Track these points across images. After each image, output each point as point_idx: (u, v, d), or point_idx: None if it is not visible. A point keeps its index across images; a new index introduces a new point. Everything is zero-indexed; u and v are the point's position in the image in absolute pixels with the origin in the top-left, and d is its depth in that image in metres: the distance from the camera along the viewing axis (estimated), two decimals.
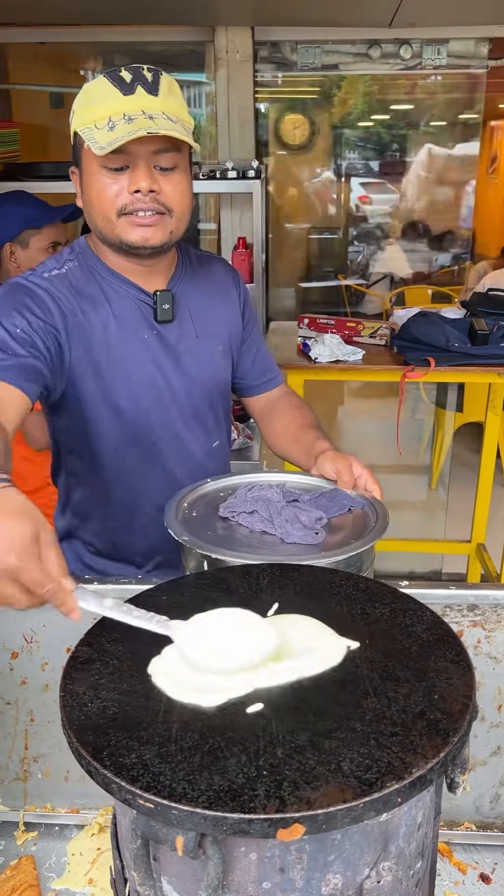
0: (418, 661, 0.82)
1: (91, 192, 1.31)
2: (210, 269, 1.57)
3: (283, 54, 3.11)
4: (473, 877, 1.11)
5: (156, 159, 1.28)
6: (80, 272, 1.41)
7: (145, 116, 1.23)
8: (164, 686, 0.79)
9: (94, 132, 1.25)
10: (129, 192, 1.28)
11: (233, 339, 1.58)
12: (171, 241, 1.36)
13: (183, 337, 1.47)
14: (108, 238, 1.34)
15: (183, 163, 1.33)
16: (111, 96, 1.26)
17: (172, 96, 1.29)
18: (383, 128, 5.57)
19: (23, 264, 2.37)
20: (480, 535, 3.51)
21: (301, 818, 0.64)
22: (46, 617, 1.17)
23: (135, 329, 1.41)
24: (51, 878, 1.11)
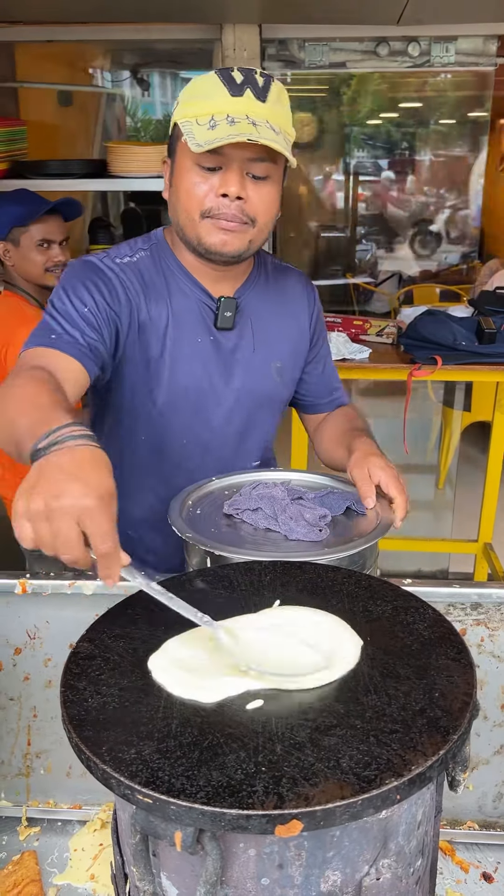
0: (419, 659, 0.82)
1: (179, 187, 1.30)
2: (285, 283, 1.54)
3: (290, 52, 3.10)
4: (476, 876, 1.10)
5: (250, 166, 1.26)
6: (151, 263, 1.40)
7: (248, 122, 1.21)
8: (164, 682, 0.79)
9: (193, 127, 1.23)
10: (217, 194, 1.26)
11: (296, 356, 1.55)
12: (249, 251, 1.34)
13: (240, 347, 1.44)
14: (188, 236, 1.33)
15: (276, 174, 1.30)
16: (218, 94, 1.23)
17: (280, 105, 1.27)
18: (392, 126, 5.56)
19: (17, 262, 2.38)
20: (487, 535, 3.50)
21: (299, 815, 0.64)
22: (50, 613, 1.17)
23: (191, 331, 1.40)
24: (53, 874, 1.11)
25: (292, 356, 1.53)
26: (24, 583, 1.13)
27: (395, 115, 5.46)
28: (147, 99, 8.83)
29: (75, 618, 1.11)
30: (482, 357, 2.79)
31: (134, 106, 7.85)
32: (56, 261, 2.40)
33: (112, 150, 2.78)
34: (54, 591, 1.14)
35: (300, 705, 0.76)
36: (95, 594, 1.13)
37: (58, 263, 2.40)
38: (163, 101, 9.97)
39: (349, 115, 5.26)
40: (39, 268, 2.39)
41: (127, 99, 5.94)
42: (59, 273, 2.41)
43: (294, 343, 1.53)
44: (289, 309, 1.52)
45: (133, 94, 5.92)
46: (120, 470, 1.47)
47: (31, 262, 2.38)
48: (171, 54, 4.80)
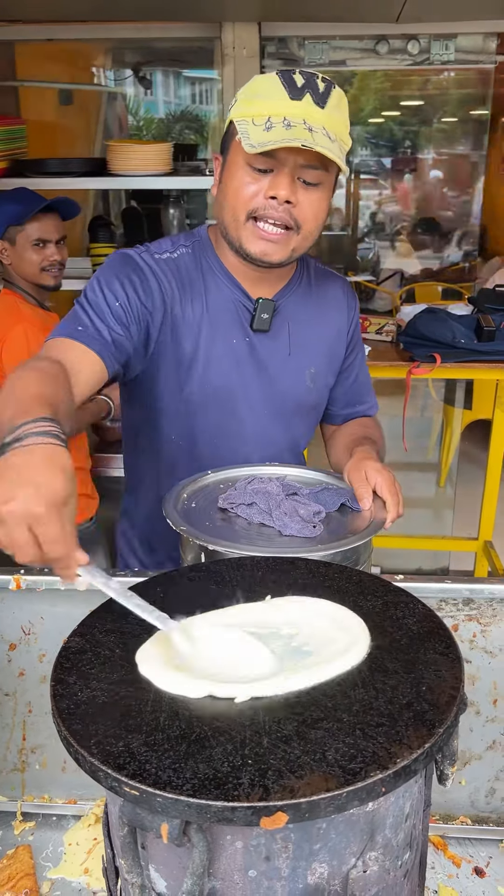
0: (408, 653, 0.83)
1: (229, 185, 1.29)
2: (326, 289, 1.52)
3: (290, 50, 3.11)
4: (468, 870, 1.11)
5: (302, 172, 1.25)
6: (191, 260, 1.39)
7: (305, 127, 1.19)
8: (150, 675, 0.79)
9: (249, 127, 1.22)
10: (266, 196, 1.25)
11: (331, 364, 1.53)
12: (291, 258, 1.34)
13: (275, 351, 1.43)
14: (231, 237, 1.32)
15: (327, 182, 1.29)
16: (277, 96, 1.22)
17: (338, 112, 1.26)
18: (394, 125, 5.56)
19: (14, 261, 2.38)
20: (488, 533, 3.50)
21: (284, 807, 0.64)
22: (44, 609, 1.18)
23: (226, 331, 1.39)
24: (47, 868, 1.12)
25: (327, 363, 1.52)
26: (19, 579, 1.14)
27: (397, 114, 5.45)
28: (149, 98, 8.84)
29: (69, 614, 1.12)
30: (481, 355, 2.79)
31: (136, 104, 7.85)
32: (52, 260, 2.40)
33: (112, 149, 2.79)
34: (48, 587, 1.15)
35: (287, 699, 0.76)
36: (89, 590, 1.13)
37: (53, 263, 2.40)
38: (165, 99, 9.98)
39: (352, 113, 5.26)
40: (35, 267, 2.39)
41: (128, 97, 5.94)
42: (55, 272, 2.42)
43: (330, 349, 1.52)
44: (328, 315, 1.51)
45: (135, 92, 5.93)
46: (151, 465, 1.49)
47: (26, 261, 2.38)
48: (172, 53, 4.80)
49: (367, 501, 1.26)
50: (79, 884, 1.09)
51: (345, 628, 0.85)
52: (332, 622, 0.87)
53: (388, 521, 1.25)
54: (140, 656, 0.82)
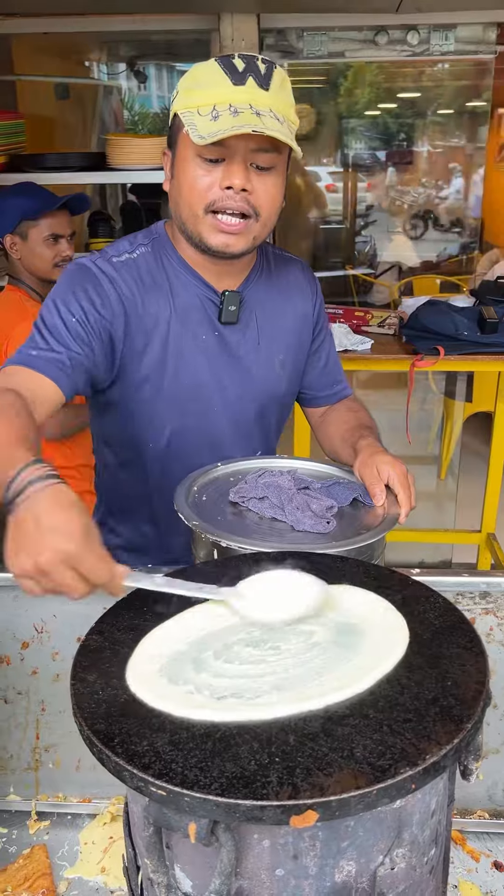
0: (431, 648, 0.82)
1: (182, 180, 1.26)
2: (287, 274, 1.50)
3: (289, 42, 3.09)
4: (487, 864, 1.10)
5: (254, 157, 1.22)
6: (152, 259, 1.37)
7: (252, 112, 1.17)
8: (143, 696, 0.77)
9: (195, 118, 1.20)
10: (221, 187, 1.23)
11: (300, 350, 1.52)
12: (253, 247, 1.32)
13: (244, 342, 1.42)
14: (190, 232, 1.30)
15: (281, 165, 1.27)
16: (220, 83, 1.20)
17: (283, 92, 1.23)
18: (390, 117, 5.54)
19: (24, 256, 2.37)
20: (490, 525, 3.50)
21: (314, 805, 0.63)
22: (57, 607, 1.17)
23: (195, 327, 1.37)
24: (63, 867, 1.11)
25: (296, 349, 1.51)
26: None
27: (394, 106, 5.44)
28: (144, 92, 8.80)
29: (82, 611, 1.11)
30: (484, 347, 2.78)
31: (131, 99, 7.82)
32: (64, 255, 2.39)
33: (111, 143, 2.77)
34: None
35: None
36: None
37: (66, 258, 2.38)
38: (160, 94, 9.96)
39: (347, 106, 5.24)
40: (48, 262, 2.37)
41: (124, 92, 5.91)
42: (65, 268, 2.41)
43: (297, 336, 1.51)
44: (292, 301, 1.50)
45: (130, 86, 5.90)
46: (127, 470, 1.47)
47: (38, 257, 2.36)
48: (168, 46, 4.77)
49: (380, 497, 1.25)
50: (96, 883, 1.09)
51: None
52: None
53: (402, 515, 1.24)
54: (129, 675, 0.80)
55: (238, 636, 0.85)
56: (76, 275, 1.32)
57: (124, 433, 1.42)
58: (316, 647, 0.83)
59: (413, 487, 1.27)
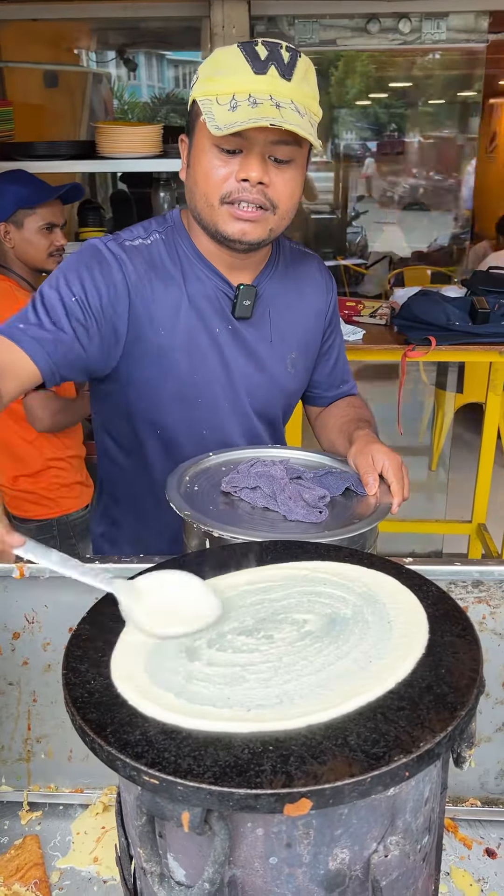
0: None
1: (198, 169, 1.24)
2: (303, 270, 1.48)
3: (280, 29, 3.07)
4: (479, 852, 1.11)
5: (272, 149, 1.19)
6: (165, 247, 1.34)
7: (272, 103, 1.14)
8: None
9: (213, 107, 1.16)
10: (237, 179, 1.20)
11: (311, 348, 1.50)
12: (269, 239, 1.29)
13: (258, 338, 1.40)
14: (205, 222, 1.27)
15: (300, 158, 1.24)
16: (241, 71, 1.16)
17: (306, 83, 1.20)
18: (381, 107, 5.52)
19: (18, 244, 2.35)
20: (481, 515, 3.51)
21: (308, 793, 0.63)
22: (49, 597, 1.16)
23: (208, 320, 1.35)
24: (55, 857, 1.11)
25: (307, 347, 1.48)
26: (22, 567, 1.12)
27: (385, 96, 5.41)
28: (134, 82, 8.75)
29: (74, 602, 1.10)
30: (476, 337, 2.79)
31: (120, 88, 7.76)
32: (58, 245, 2.37)
33: (101, 131, 2.74)
34: (52, 575, 1.13)
35: None
36: None
37: (60, 248, 2.37)
38: (149, 83, 9.89)
39: (338, 96, 5.22)
40: (43, 252, 2.35)
41: (113, 80, 5.87)
42: (59, 257, 2.39)
43: (310, 334, 1.48)
44: (306, 298, 1.47)
45: (119, 73, 5.85)
46: (130, 460, 1.45)
47: (34, 246, 2.34)
48: (157, 34, 4.74)
49: (373, 487, 1.25)
50: (88, 872, 1.08)
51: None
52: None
53: (395, 505, 1.23)
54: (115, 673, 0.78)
55: (231, 625, 0.85)
56: (84, 254, 1.29)
57: (128, 421, 1.40)
58: (308, 636, 0.83)
59: (407, 478, 1.27)
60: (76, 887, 1.06)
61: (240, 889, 0.71)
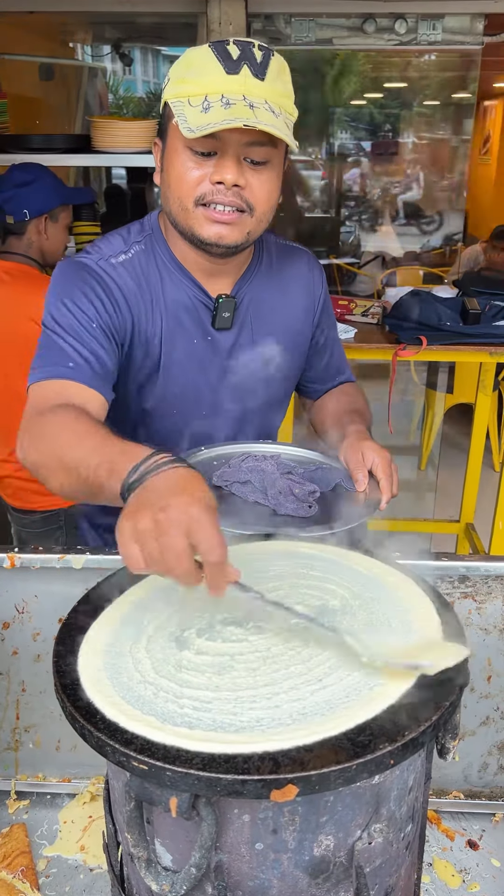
0: None
1: (171, 172, 1.20)
2: (289, 268, 1.44)
3: (276, 27, 3.07)
4: (461, 843, 1.12)
5: (247, 151, 1.16)
6: (145, 258, 1.30)
7: (245, 104, 1.11)
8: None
9: (185, 109, 1.13)
10: (212, 181, 1.16)
11: (298, 346, 1.47)
12: (247, 242, 1.25)
13: (239, 346, 1.37)
14: (181, 226, 1.23)
15: (276, 158, 1.20)
16: (212, 71, 1.13)
17: (280, 82, 1.16)
18: (376, 107, 5.53)
19: (52, 236, 2.34)
20: (469, 515, 3.53)
21: (294, 779, 0.64)
22: (39, 588, 1.17)
23: (187, 332, 1.32)
24: (42, 846, 1.12)
25: (294, 347, 1.46)
26: (13, 557, 1.12)
27: (380, 96, 5.43)
28: (129, 76, 8.72)
29: (64, 592, 1.11)
30: (467, 337, 2.80)
31: (116, 83, 7.74)
32: (68, 243, 2.42)
33: (96, 125, 2.74)
34: (43, 566, 1.13)
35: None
36: (85, 568, 1.13)
37: (67, 247, 2.42)
38: (145, 79, 9.86)
39: (333, 96, 5.23)
40: (62, 248, 2.39)
41: (108, 74, 5.85)
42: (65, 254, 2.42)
43: (296, 333, 1.46)
44: (292, 296, 1.44)
45: (115, 68, 5.84)
46: None
47: (59, 242, 2.37)
48: (153, 29, 4.73)
49: (362, 483, 1.25)
50: (75, 861, 1.09)
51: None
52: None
53: (383, 501, 1.24)
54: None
55: (222, 615, 0.86)
56: (80, 274, 1.25)
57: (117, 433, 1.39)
58: (297, 627, 0.84)
59: (396, 476, 1.28)
60: (63, 875, 1.07)
61: (226, 874, 0.73)
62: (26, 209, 2.28)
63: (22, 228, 2.32)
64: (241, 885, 0.73)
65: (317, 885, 0.74)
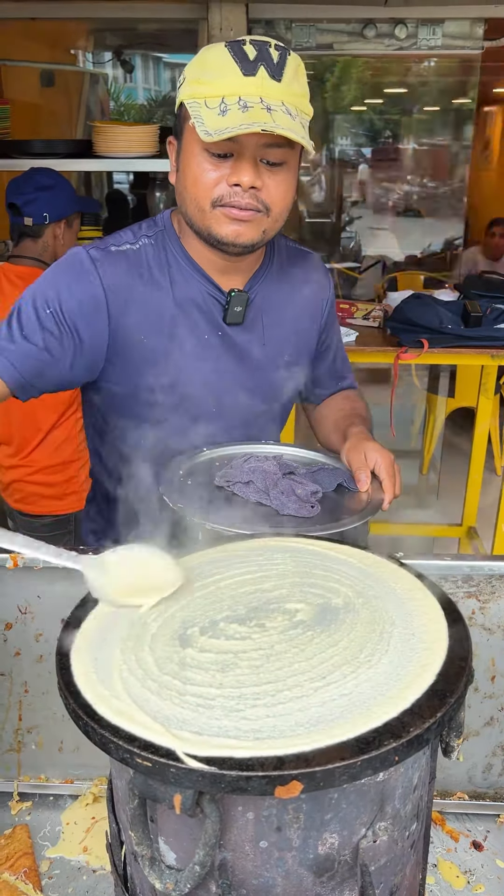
0: None
1: (187, 173, 1.21)
2: (299, 270, 1.45)
3: (277, 33, 3.09)
4: (465, 844, 1.12)
5: (264, 153, 1.17)
6: (153, 251, 1.31)
7: (262, 106, 1.11)
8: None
9: (202, 111, 1.13)
10: (229, 183, 1.17)
11: (306, 348, 1.48)
12: (262, 241, 1.26)
13: (250, 342, 1.38)
14: (197, 226, 1.25)
15: (292, 159, 1.21)
16: (229, 73, 1.13)
17: (296, 83, 1.17)
18: (376, 113, 5.55)
19: (66, 241, 2.37)
20: (471, 518, 3.53)
21: (299, 775, 0.64)
22: (42, 588, 1.17)
23: (198, 327, 1.33)
24: (45, 847, 1.11)
25: (301, 348, 1.47)
26: (16, 557, 1.12)
27: (380, 102, 5.45)
28: (130, 84, 8.76)
29: (67, 592, 1.11)
30: (468, 340, 2.80)
31: (117, 90, 7.77)
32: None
33: (97, 130, 2.75)
34: (46, 566, 1.13)
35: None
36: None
37: None
38: (146, 86, 9.89)
39: (334, 102, 5.25)
40: None
41: (110, 81, 5.87)
42: None
43: (305, 334, 1.47)
44: (301, 298, 1.45)
45: (116, 74, 5.86)
46: (127, 471, 1.44)
47: (70, 247, 2.38)
48: (154, 36, 4.75)
49: (364, 483, 1.26)
50: (78, 862, 1.09)
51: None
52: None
53: (386, 501, 1.24)
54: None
55: (224, 613, 0.86)
56: (62, 264, 1.28)
57: (117, 427, 1.38)
58: (300, 626, 0.84)
59: (398, 476, 1.28)
60: (66, 876, 1.07)
61: (230, 872, 0.72)
62: (47, 212, 2.31)
63: (40, 231, 2.34)
64: (245, 884, 0.73)
65: (321, 883, 0.73)
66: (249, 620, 0.84)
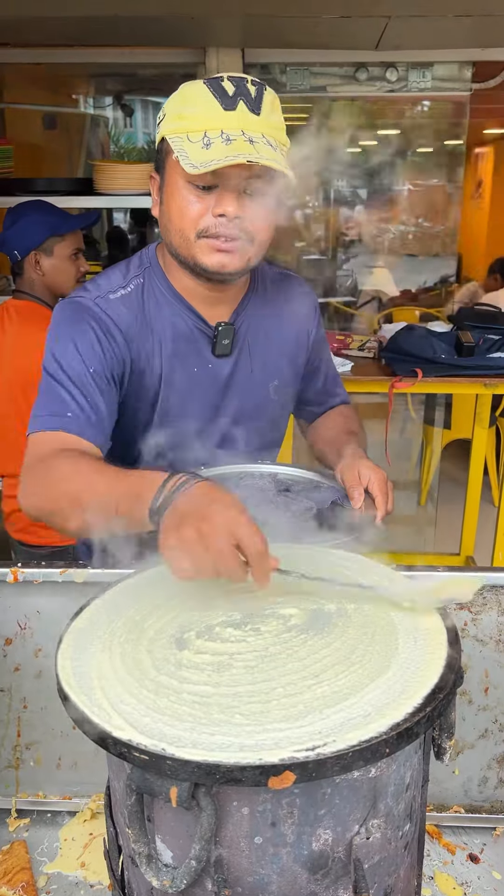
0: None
1: (171, 206, 1.24)
2: (284, 294, 1.48)
3: (272, 76, 3.20)
4: (462, 857, 1.12)
5: (247, 184, 1.20)
6: (144, 292, 1.34)
7: (245, 139, 1.14)
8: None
9: (185, 145, 1.16)
10: (214, 214, 1.20)
11: (294, 371, 1.50)
12: (247, 269, 1.29)
13: (237, 371, 1.40)
14: (182, 257, 1.27)
15: (273, 189, 1.22)
16: (210, 108, 1.16)
17: (274, 116, 1.20)
18: (370, 154, 5.68)
19: (48, 272, 2.33)
20: (469, 548, 3.54)
21: (292, 765, 0.66)
22: (41, 603, 1.18)
23: (187, 361, 1.35)
24: (43, 863, 1.11)
25: (290, 372, 1.50)
26: (16, 571, 1.14)
27: (374, 143, 5.58)
28: (130, 129, 8.97)
29: (66, 607, 1.13)
30: (461, 370, 2.85)
31: (117, 133, 7.96)
32: (83, 270, 2.39)
33: (98, 169, 2.84)
34: (45, 580, 1.15)
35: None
36: (87, 583, 1.14)
37: (85, 273, 2.39)
38: (145, 131, 10.11)
39: (328, 144, 5.37)
40: (72, 278, 2.36)
41: (110, 124, 6.03)
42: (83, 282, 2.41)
43: (292, 358, 1.49)
44: (287, 322, 1.48)
45: (116, 117, 6.01)
46: None
47: (64, 273, 2.35)
48: (154, 81, 4.89)
49: (358, 500, 1.28)
50: (75, 877, 1.09)
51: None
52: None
53: (378, 517, 1.27)
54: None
55: (220, 618, 0.88)
56: (80, 315, 1.29)
57: (118, 461, 1.38)
58: (294, 629, 0.86)
59: (391, 493, 1.31)
60: (63, 891, 1.07)
61: (226, 869, 0.73)
62: (15, 249, 2.32)
63: (21, 268, 2.37)
64: (240, 881, 0.74)
65: (316, 880, 0.75)
66: (245, 625, 0.87)
